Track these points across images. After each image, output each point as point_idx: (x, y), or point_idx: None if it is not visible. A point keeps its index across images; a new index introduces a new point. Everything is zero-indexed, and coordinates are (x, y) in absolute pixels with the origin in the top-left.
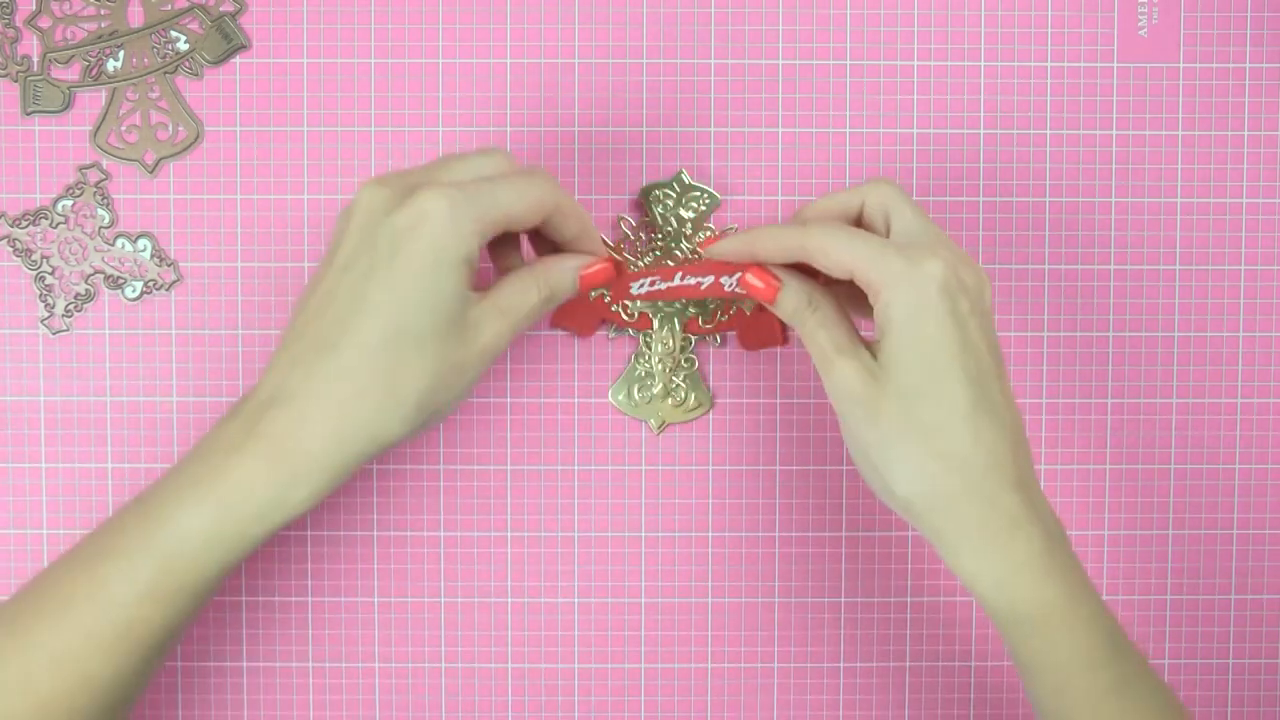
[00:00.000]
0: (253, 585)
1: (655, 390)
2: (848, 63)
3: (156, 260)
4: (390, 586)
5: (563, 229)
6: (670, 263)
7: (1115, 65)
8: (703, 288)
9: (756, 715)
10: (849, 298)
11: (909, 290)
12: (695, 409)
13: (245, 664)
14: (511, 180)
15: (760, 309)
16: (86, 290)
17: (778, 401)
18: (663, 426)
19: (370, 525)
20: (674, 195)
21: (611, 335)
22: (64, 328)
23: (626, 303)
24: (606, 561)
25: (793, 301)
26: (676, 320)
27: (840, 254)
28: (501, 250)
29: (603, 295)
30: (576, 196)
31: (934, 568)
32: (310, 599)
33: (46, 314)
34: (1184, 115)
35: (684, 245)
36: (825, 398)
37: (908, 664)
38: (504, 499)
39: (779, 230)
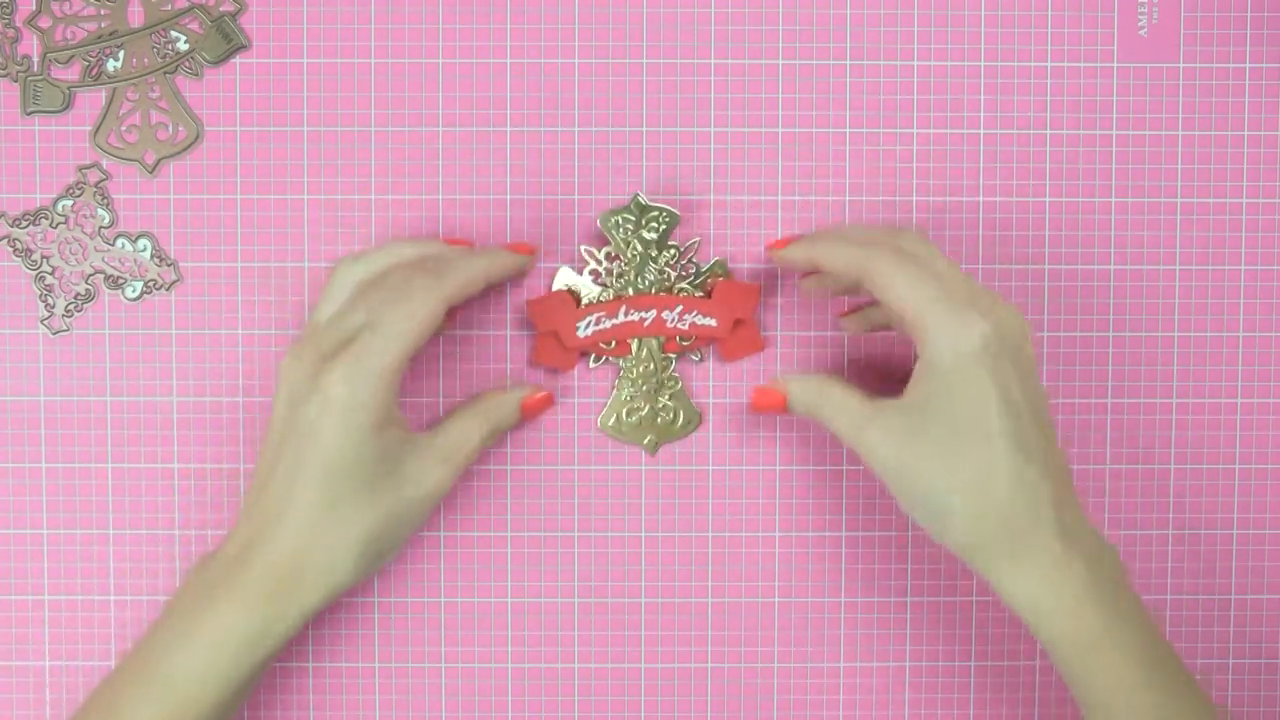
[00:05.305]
0: None
1: (643, 413)
2: (848, 63)
3: (156, 260)
4: (390, 587)
5: (471, 292)
6: (632, 291)
7: (1115, 65)
8: (646, 324)
9: (756, 715)
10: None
11: (954, 348)
12: (685, 426)
13: None
14: (394, 314)
15: (737, 324)
16: (86, 290)
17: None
18: (655, 447)
19: None
20: (633, 219)
21: (593, 365)
22: (64, 328)
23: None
24: (606, 561)
25: (803, 401)
26: (655, 341)
27: (898, 290)
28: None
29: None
30: (576, 196)
31: (934, 568)
32: None
33: (46, 314)
34: (1184, 115)
35: (650, 269)
36: None
37: (908, 664)
38: (504, 499)
39: (845, 246)
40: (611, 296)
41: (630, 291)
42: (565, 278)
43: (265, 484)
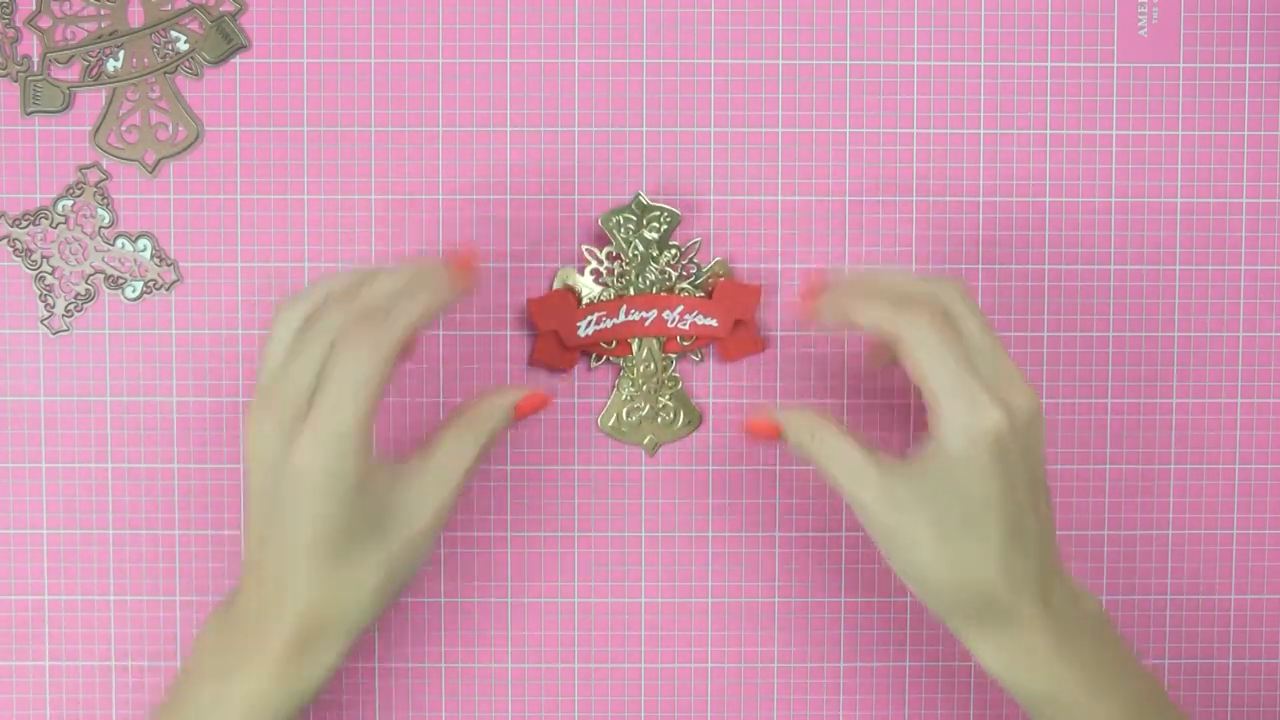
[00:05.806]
0: None
1: (643, 413)
2: (848, 63)
3: (156, 260)
4: None
5: (419, 332)
6: (633, 291)
7: (1115, 65)
8: (647, 324)
9: (756, 715)
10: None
11: (965, 437)
12: (685, 426)
13: None
14: (346, 377)
15: (737, 324)
16: (86, 290)
17: (777, 402)
18: (655, 448)
19: None
20: (634, 218)
21: (594, 365)
22: (64, 328)
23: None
24: (606, 561)
25: (794, 437)
26: (655, 341)
27: (921, 366)
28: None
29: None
30: (576, 196)
31: None
32: None
33: (46, 314)
34: (1184, 115)
35: (651, 268)
36: (822, 398)
37: (908, 664)
38: (504, 499)
39: (879, 309)
40: (612, 296)
41: (631, 291)
42: (566, 277)
43: (262, 548)
